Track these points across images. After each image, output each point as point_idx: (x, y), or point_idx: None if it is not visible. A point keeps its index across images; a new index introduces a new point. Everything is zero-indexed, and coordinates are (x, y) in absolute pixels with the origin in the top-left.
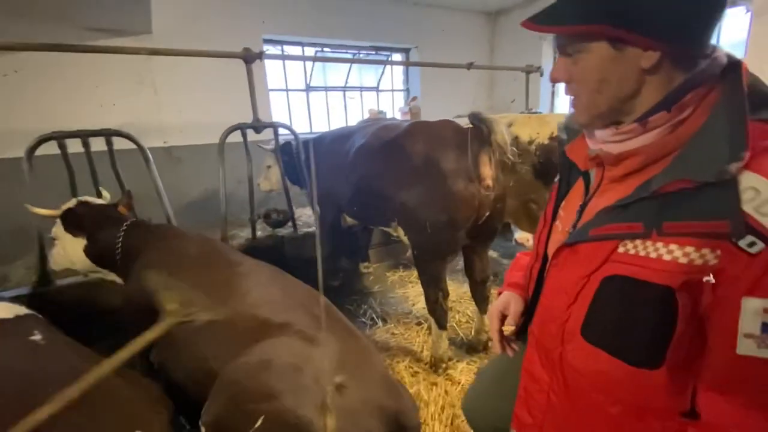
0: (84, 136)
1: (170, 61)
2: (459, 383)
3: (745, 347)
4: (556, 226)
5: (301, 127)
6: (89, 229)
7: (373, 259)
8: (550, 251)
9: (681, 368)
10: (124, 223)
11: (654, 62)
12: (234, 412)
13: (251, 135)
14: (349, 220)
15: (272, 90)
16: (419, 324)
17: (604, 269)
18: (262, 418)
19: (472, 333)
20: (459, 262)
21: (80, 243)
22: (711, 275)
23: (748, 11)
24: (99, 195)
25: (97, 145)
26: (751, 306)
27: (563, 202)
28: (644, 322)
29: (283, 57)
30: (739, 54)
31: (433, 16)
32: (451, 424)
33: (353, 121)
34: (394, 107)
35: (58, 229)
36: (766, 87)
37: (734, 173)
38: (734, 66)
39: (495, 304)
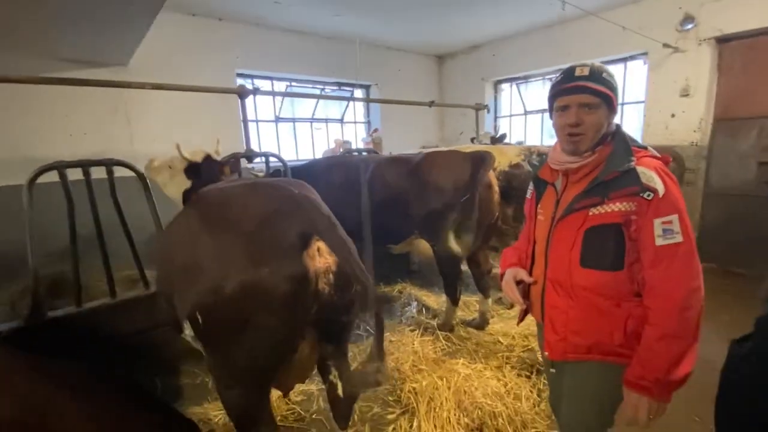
0: (86, 165)
1: (144, 92)
2: (460, 374)
3: (659, 241)
4: (539, 219)
5: None
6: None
7: None
8: (538, 235)
9: (630, 268)
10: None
11: (612, 118)
12: None
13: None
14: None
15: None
16: (412, 330)
17: (585, 225)
18: None
19: (478, 316)
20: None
21: (186, 184)
22: (634, 215)
23: (645, 63)
24: (97, 219)
25: (77, 174)
26: (657, 222)
27: (540, 204)
28: (611, 245)
29: (273, 93)
30: (640, 95)
31: (390, 58)
32: (458, 407)
33: (320, 149)
34: (357, 137)
35: (177, 167)
36: (630, 136)
37: (632, 167)
38: (618, 126)
39: (507, 275)
